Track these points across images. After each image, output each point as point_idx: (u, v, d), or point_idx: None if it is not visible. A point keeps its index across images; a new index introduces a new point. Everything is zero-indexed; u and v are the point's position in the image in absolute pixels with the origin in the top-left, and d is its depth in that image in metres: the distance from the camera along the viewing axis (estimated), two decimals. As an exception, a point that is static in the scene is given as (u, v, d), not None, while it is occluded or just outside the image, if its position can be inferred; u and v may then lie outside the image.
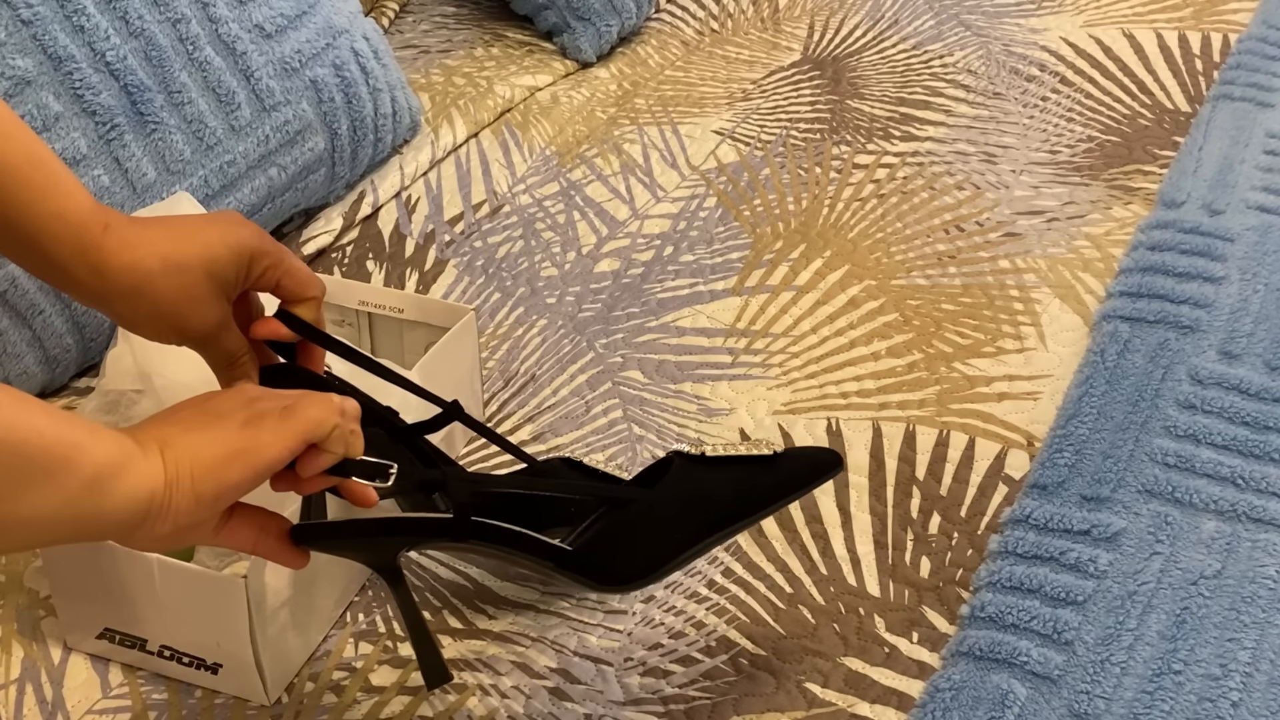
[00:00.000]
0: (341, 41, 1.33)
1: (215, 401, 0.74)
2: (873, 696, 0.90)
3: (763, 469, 0.84)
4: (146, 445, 0.69)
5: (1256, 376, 1.08)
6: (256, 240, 0.83)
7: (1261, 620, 0.91)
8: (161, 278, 0.80)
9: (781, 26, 1.69)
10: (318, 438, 0.73)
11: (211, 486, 0.70)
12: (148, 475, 0.68)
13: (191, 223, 0.83)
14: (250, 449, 0.71)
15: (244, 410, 0.73)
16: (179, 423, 0.72)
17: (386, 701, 0.90)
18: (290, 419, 0.72)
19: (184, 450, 0.70)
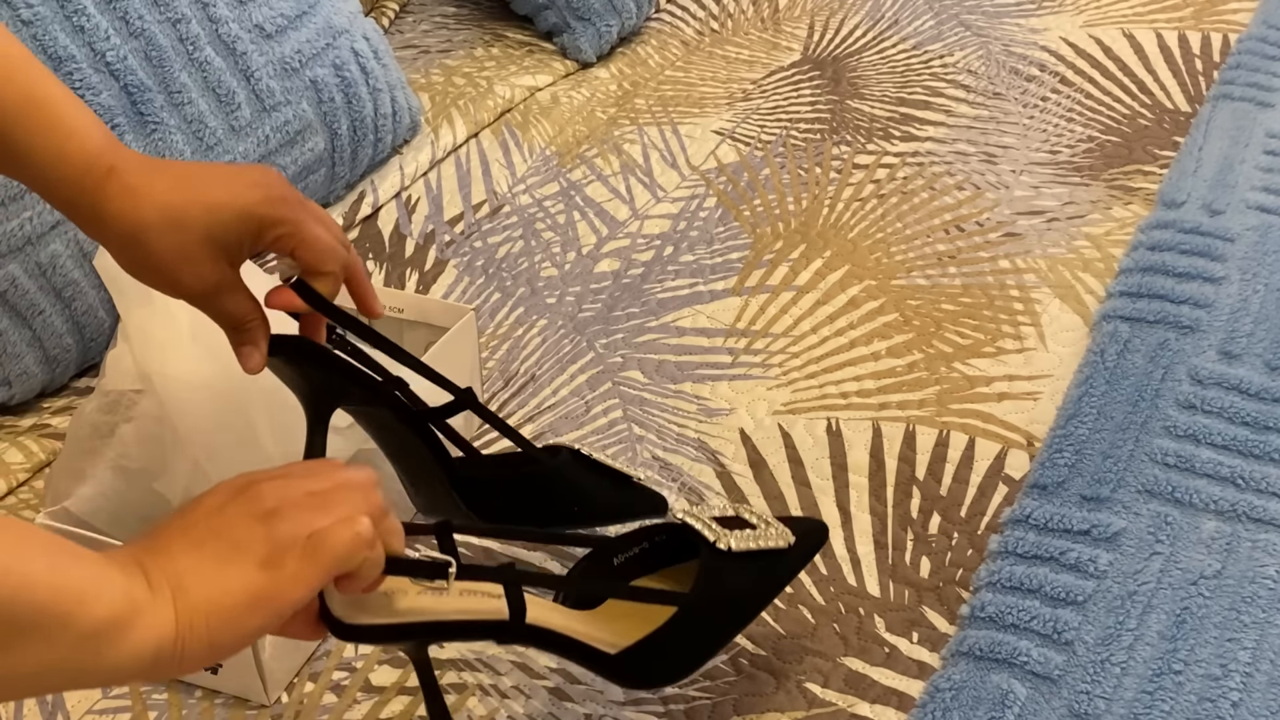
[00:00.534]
0: (341, 41, 1.33)
1: (229, 519, 0.67)
2: (873, 696, 0.90)
3: (778, 560, 0.85)
4: (158, 588, 0.63)
5: (1256, 376, 1.08)
6: (268, 207, 0.79)
7: (1261, 620, 0.91)
8: (156, 232, 0.77)
9: (781, 26, 1.69)
10: (346, 570, 0.67)
11: (229, 636, 0.65)
12: (156, 628, 0.63)
13: (205, 176, 0.79)
14: (272, 594, 0.65)
15: (264, 543, 0.66)
16: (193, 553, 0.65)
17: (386, 701, 0.90)
18: (315, 556, 0.66)
19: (199, 595, 0.64)
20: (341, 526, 0.67)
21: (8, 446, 1.10)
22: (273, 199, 0.79)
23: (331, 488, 0.69)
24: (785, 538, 0.85)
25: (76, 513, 0.90)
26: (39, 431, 1.12)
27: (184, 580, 0.64)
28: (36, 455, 1.09)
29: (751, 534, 0.84)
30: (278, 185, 0.80)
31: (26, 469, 1.08)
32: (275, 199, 0.79)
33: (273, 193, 0.79)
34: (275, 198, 0.79)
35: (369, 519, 0.68)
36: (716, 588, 0.82)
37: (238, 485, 0.68)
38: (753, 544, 0.83)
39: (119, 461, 0.91)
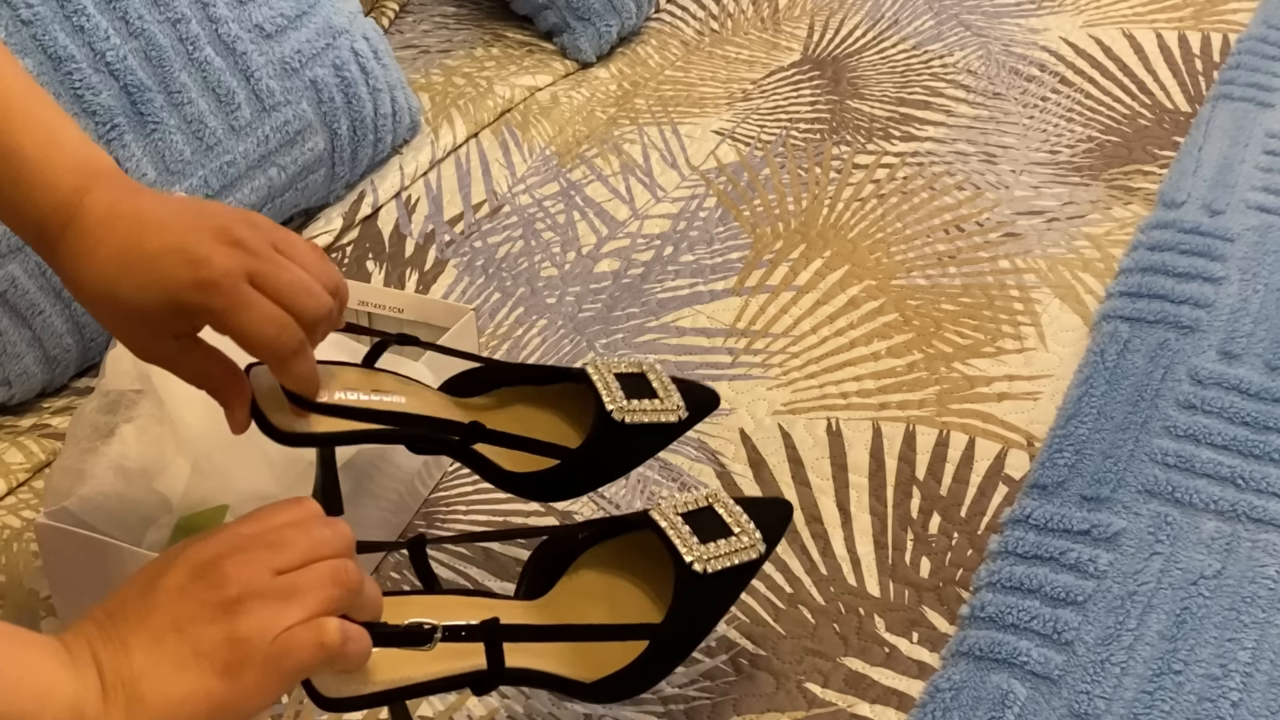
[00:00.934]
0: (341, 41, 1.33)
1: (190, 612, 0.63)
2: (873, 696, 0.90)
3: (751, 570, 0.84)
4: (112, 698, 0.60)
5: (1256, 376, 1.08)
6: (195, 294, 0.73)
7: (1261, 620, 0.91)
8: (94, 302, 0.75)
9: (781, 26, 1.69)
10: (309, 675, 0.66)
11: None
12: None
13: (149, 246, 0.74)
14: (231, 705, 0.62)
15: (225, 646, 0.62)
16: (151, 652, 0.62)
17: (386, 701, 0.90)
18: (278, 666, 0.63)
19: (155, 708, 0.61)
20: (306, 634, 0.64)
21: (8, 446, 1.10)
22: (201, 284, 0.73)
23: (300, 563, 0.65)
24: (758, 548, 0.83)
25: (76, 513, 0.90)
26: (39, 431, 1.12)
27: (141, 688, 0.61)
28: (36, 455, 1.09)
29: (726, 549, 0.82)
30: (218, 265, 0.73)
31: (26, 469, 1.08)
32: (203, 284, 0.73)
33: (204, 276, 0.73)
34: (206, 283, 0.73)
35: (336, 624, 0.65)
36: (692, 612, 0.81)
37: (200, 562, 0.65)
38: (727, 563, 0.82)
39: (119, 461, 0.91)
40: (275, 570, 0.65)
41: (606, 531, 0.85)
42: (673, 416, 0.90)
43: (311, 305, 0.76)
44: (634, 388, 0.90)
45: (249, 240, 0.75)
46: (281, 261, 0.76)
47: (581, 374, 0.90)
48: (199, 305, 0.74)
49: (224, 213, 0.77)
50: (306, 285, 0.76)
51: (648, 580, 0.84)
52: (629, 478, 1.05)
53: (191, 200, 0.78)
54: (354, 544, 0.69)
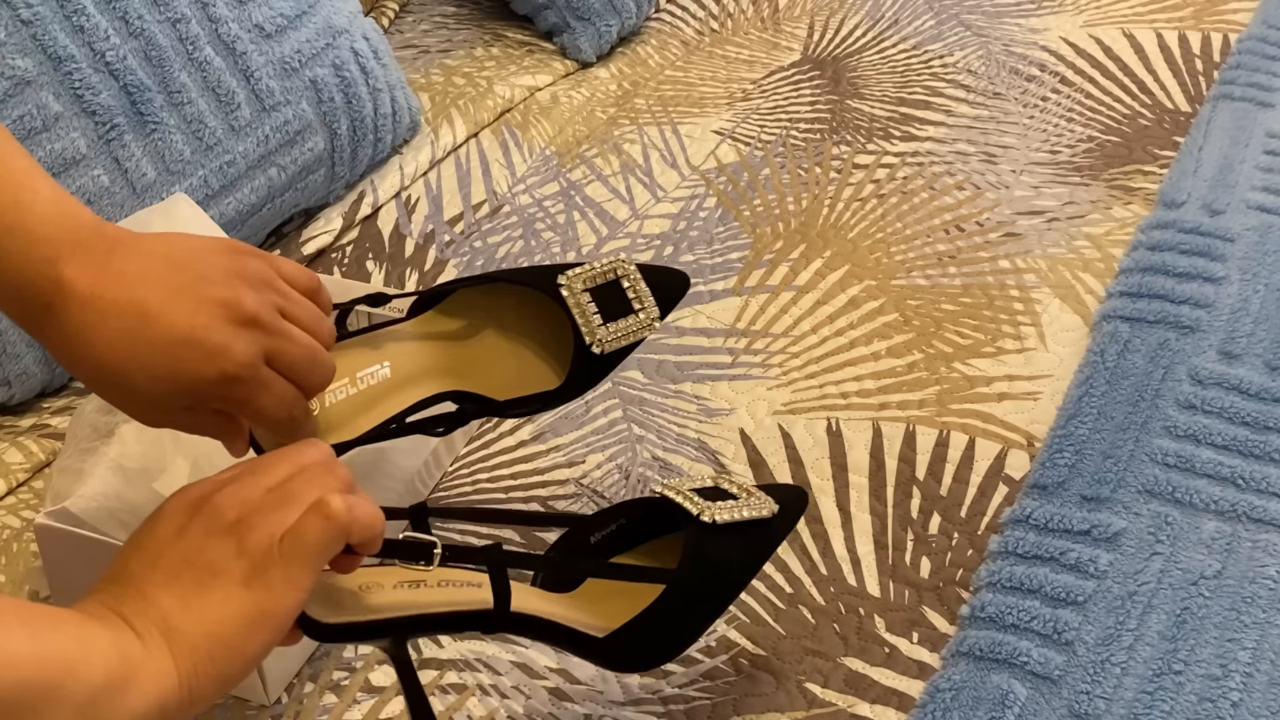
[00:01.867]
0: (341, 41, 1.33)
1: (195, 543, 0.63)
2: (873, 696, 0.90)
3: (762, 529, 0.83)
4: (147, 636, 0.60)
5: (1256, 376, 1.08)
6: (214, 388, 0.72)
7: (1262, 620, 0.91)
8: (98, 386, 0.72)
9: (781, 26, 1.69)
10: (335, 553, 0.65)
11: (239, 664, 0.62)
12: (158, 679, 0.59)
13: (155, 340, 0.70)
14: (267, 609, 0.62)
15: (240, 558, 0.62)
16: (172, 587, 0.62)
17: (386, 701, 0.90)
18: (296, 556, 0.63)
19: (195, 633, 0.61)
20: (311, 517, 0.64)
21: (8, 446, 1.10)
22: (225, 379, 0.72)
23: (288, 478, 0.66)
24: (769, 506, 0.83)
25: (76, 513, 0.90)
26: (39, 431, 1.12)
27: (172, 621, 0.61)
28: (36, 455, 1.09)
29: (734, 504, 0.81)
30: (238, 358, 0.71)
31: (26, 469, 1.08)
32: (227, 380, 0.72)
33: (228, 370, 0.71)
34: (228, 378, 0.72)
35: (338, 496, 0.64)
36: (703, 562, 0.79)
37: (190, 501, 0.65)
38: (737, 515, 0.81)
39: (119, 461, 0.91)
40: (266, 489, 0.65)
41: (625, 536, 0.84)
42: (646, 332, 0.90)
43: (320, 378, 0.77)
44: (609, 303, 0.88)
45: (262, 316, 0.73)
46: (291, 332, 0.75)
47: (554, 292, 0.88)
48: (219, 395, 0.73)
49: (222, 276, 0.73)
50: (316, 356, 0.76)
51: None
52: (629, 477, 1.05)
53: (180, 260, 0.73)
54: (334, 456, 0.69)
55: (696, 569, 0.79)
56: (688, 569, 0.79)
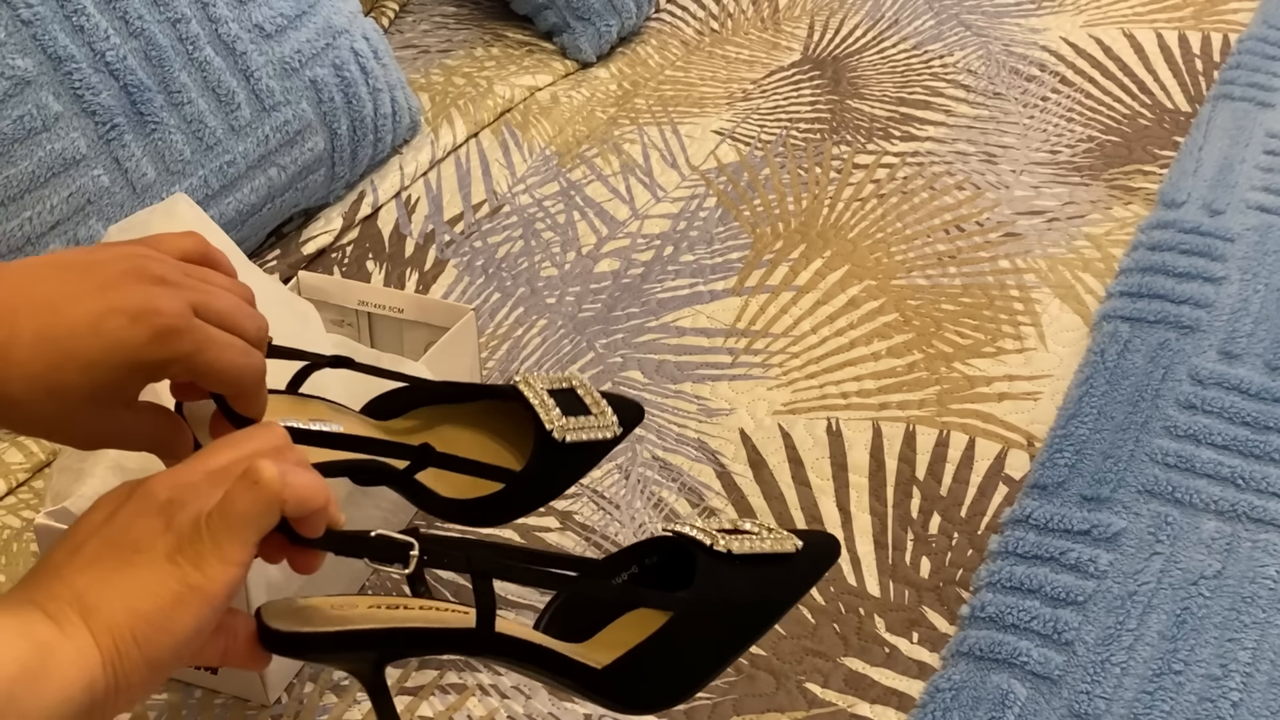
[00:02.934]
0: (341, 41, 1.33)
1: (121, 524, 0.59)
2: (873, 697, 0.90)
3: (783, 568, 0.76)
4: (63, 619, 0.55)
5: (1256, 376, 1.08)
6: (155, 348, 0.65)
7: (1262, 620, 0.91)
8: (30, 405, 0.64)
9: (781, 26, 1.69)
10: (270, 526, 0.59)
11: (166, 644, 0.57)
12: (77, 662, 0.55)
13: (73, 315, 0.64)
14: (196, 584, 0.57)
15: (164, 533, 0.58)
16: (91, 568, 0.57)
17: (386, 701, 0.90)
18: (225, 524, 0.58)
19: (115, 609, 0.56)
20: (239, 484, 0.58)
21: (8, 446, 1.10)
22: (160, 334, 0.65)
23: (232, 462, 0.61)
24: (791, 542, 0.77)
25: (76, 513, 0.90)
26: (39, 431, 1.12)
27: (89, 599, 0.56)
28: (36, 455, 1.09)
29: (752, 538, 0.76)
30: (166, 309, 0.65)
31: (26, 469, 1.08)
32: (163, 334, 0.65)
33: (160, 324, 0.65)
34: (163, 331, 0.65)
35: (269, 462, 0.58)
36: (714, 591, 0.73)
37: (124, 490, 0.61)
38: (753, 547, 0.75)
39: (119, 461, 0.91)
40: (206, 471, 0.61)
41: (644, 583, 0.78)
42: (609, 433, 0.87)
43: (256, 325, 0.71)
44: (567, 404, 0.87)
45: (169, 272, 0.67)
46: (207, 285, 0.69)
47: (513, 391, 0.87)
48: (163, 358, 0.66)
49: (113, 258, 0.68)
50: (242, 305, 0.70)
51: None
52: (629, 477, 1.05)
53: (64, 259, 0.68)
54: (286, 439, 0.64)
55: (705, 597, 0.73)
56: (696, 596, 0.72)
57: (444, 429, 0.87)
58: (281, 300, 1.00)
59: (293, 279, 1.13)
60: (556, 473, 0.86)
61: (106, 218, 1.14)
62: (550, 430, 0.84)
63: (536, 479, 0.85)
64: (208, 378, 0.68)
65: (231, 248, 1.01)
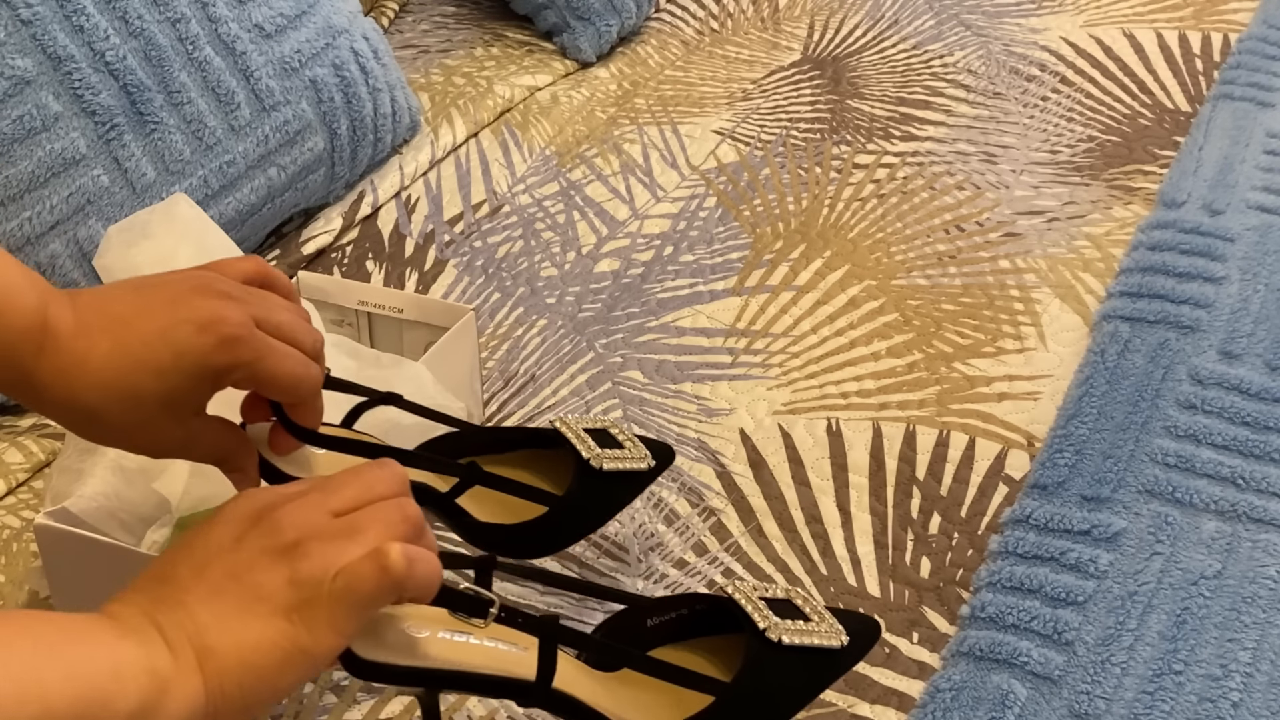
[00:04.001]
0: (341, 41, 1.33)
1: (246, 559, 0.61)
2: (873, 697, 0.90)
3: (828, 661, 0.77)
4: (180, 652, 0.58)
5: (1257, 376, 1.08)
6: (221, 354, 0.70)
7: (1262, 620, 0.91)
8: (105, 411, 0.70)
9: (781, 26, 1.69)
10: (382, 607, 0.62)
11: (266, 696, 0.60)
12: (186, 700, 0.58)
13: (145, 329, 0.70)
14: (305, 648, 0.60)
15: (288, 588, 0.60)
16: (213, 603, 0.60)
17: (386, 701, 0.90)
18: (345, 600, 0.60)
19: (229, 657, 0.59)
20: (367, 564, 0.61)
21: (8, 446, 1.10)
22: (225, 341, 0.71)
23: (356, 505, 0.63)
24: (839, 636, 0.77)
25: (76, 513, 0.90)
26: (39, 431, 1.12)
27: (208, 639, 0.59)
28: (36, 455, 1.09)
29: (804, 627, 0.76)
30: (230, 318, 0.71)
31: (26, 469, 1.08)
32: (228, 341, 0.71)
33: (225, 332, 0.71)
34: (228, 339, 0.71)
35: (399, 546, 0.61)
36: (760, 681, 0.74)
37: (253, 511, 0.63)
38: (805, 640, 0.75)
39: (119, 461, 0.91)
40: (332, 512, 0.63)
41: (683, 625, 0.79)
42: (642, 464, 0.92)
43: (311, 338, 0.76)
44: (602, 440, 0.92)
45: (233, 290, 0.73)
46: (267, 301, 0.75)
47: (553, 433, 0.92)
48: (229, 364, 0.71)
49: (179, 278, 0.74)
50: (299, 320, 0.76)
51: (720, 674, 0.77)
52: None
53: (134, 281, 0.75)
54: (408, 484, 0.66)
55: (751, 687, 0.74)
56: (742, 685, 0.73)
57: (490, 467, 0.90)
58: (281, 300, 1.00)
59: (293, 279, 1.13)
60: (595, 502, 0.91)
61: (106, 218, 1.14)
62: (588, 459, 0.89)
63: (576, 505, 0.90)
64: (268, 384, 0.73)
65: (231, 248, 1.01)
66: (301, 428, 0.76)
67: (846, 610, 0.82)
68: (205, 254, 0.98)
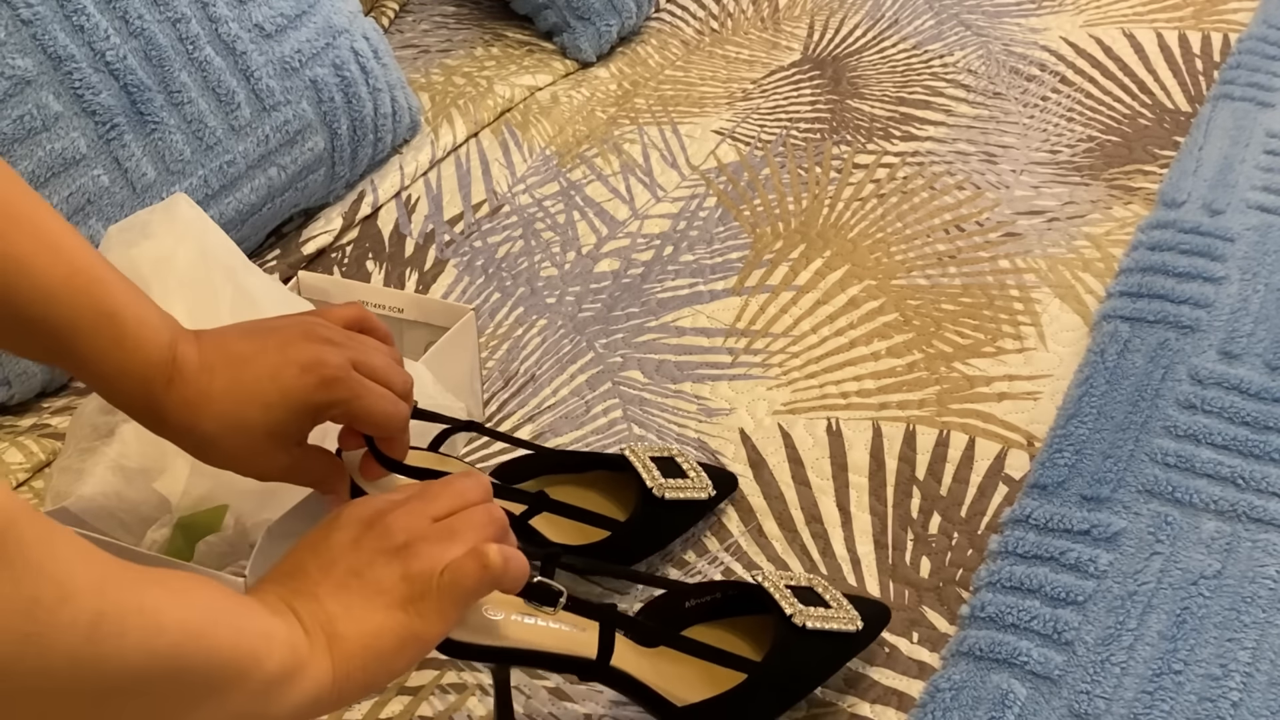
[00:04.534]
0: (341, 41, 1.33)
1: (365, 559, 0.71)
2: (873, 697, 0.90)
3: (845, 642, 0.88)
4: (314, 636, 0.67)
5: (1256, 376, 1.08)
6: (321, 393, 0.80)
7: (1262, 620, 0.91)
8: (219, 438, 0.80)
9: (781, 26, 1.69)
10: (481, 597, 0.73)
11: (384, 676, 0.70)
12: (317, 677, 0.67)
13: (258, 370, 0.80)
14: (418, 633, 0.70)
15: (402, 582, 0.70)
16: (340, 596, 0.69)
17: (386, 702, 0.90)
18: (451, 592, 0.70)
19: (354, 642, 0.68)
20: (471, 561, 0.71)
21: (8, 446, 1.10)
22: (325, 382, 0.80)
23: (452, 511, 0.73)
24: (855, 622, 0.88)
25: (76, 513, 0.90)
26: (39, 431, 1.12)
27: (337, 626, 0.68)
28: (36, 455, 1.09)
29: (826, 613, 0.87)
30: (330, 362, 0.80)
31: (26, 469, 1.08)
32: (327, 382, 0.80)
33: (325, 374, 0.80)
34: (328, 380, 0.80)
35: (495, 547, 0.71)
36: (785, 661, 0.85)
37: (365, 517, 0.72)
38: (826, 625, 0.86)
39: (119, 461, 0.91)
40: (432, 518, 0.72)
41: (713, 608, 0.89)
42: (703, 494, 0.99)
43: (401, 379, 0.84)
44: (667, 469, 0.99)
45: (335, 335, 0.82)
46: (365, 346, 0.84)
47: (620, 459, 0.99)
48: (327, 401, 0.80)
49: (287, 323, 0.84)
50: (392, 364, 0.84)
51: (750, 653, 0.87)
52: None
53: (247, 326, 0.84)
54: (490, 491, 0.76)
55: (779, 665, 0.85)
56: (771, 664, 0.84)
57: (559, 489, 0.99)
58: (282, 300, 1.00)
59: (293, 279, 1.13)
60: (657, 526, 0.98)
61: (106, 218, 1.14)
62: (651, 488, 0.97)
63: (638, 529, 0.97)
64: (362, 420, 0.82)
65: (231, 248, 1.01)
66: (390, 459, 0.85)
67: (860, 596, 0.93)
68: (205, 254, 0.98)
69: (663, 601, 0.89)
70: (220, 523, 0.91)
